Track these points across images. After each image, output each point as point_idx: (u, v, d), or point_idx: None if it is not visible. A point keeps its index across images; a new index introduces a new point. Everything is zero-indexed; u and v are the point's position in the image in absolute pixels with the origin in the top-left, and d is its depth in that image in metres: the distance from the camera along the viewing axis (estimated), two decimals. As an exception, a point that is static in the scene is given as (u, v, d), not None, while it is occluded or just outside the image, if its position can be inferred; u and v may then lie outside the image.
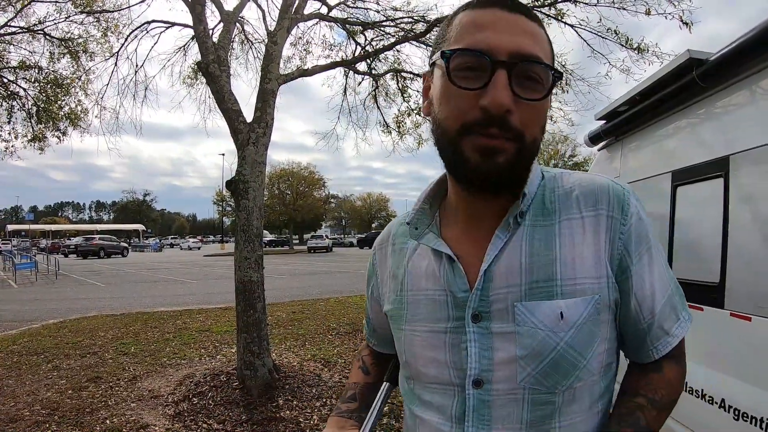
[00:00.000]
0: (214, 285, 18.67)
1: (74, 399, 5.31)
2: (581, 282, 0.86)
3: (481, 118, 0.78)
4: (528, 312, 0.85)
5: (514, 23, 0.81)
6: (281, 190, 57.67)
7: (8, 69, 9.08)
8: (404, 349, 0.98)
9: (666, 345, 0.95)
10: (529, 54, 0.80)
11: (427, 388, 0.94)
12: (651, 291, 0.91)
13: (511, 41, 0.79)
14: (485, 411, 0.86)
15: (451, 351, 0.89)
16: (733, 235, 2.61)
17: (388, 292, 1.06)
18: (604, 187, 0.91)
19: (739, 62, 2.63)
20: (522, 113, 0.79)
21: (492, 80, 0.77)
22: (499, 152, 0.79)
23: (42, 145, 9.35)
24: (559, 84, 7.23)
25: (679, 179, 3.15)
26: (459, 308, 0.89)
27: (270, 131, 5.65)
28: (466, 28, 0.82)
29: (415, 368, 0.96)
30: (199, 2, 6.16)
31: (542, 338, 0.84)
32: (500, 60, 0.78)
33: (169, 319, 10.17)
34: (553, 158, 52.25)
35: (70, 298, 15.25)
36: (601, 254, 0.87)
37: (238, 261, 5.34)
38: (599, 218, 0.89)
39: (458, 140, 0.82)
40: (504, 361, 0.85)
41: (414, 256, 1.00)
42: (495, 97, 0.77)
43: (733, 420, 2.52)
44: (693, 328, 3.00)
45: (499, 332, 0.86)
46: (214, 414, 4.72)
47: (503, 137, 0.79)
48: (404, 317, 0.98)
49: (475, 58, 0.79)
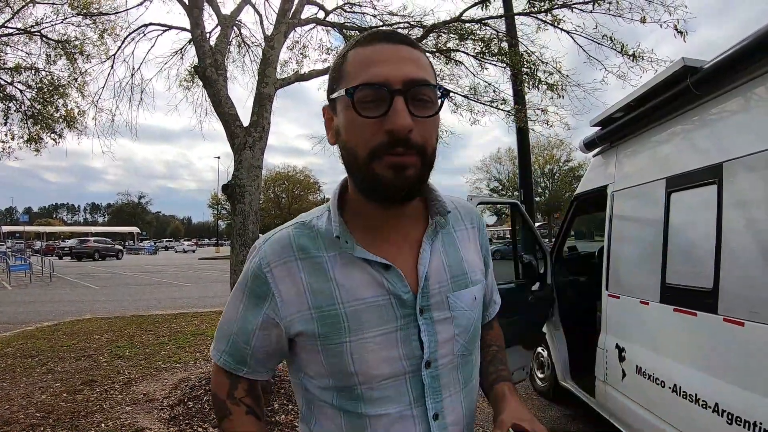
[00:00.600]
0: (209, 288, 18.61)
1: (69, 402, 5.29)
2: (475, 273, 1.16)
3: (386, 141, 0.90)
4: (457, 299, 1.09)
5: (400, 54, 0.95)
6: (277, 194, 57.57)
7: (5, 70, 9.06)
8: (350, 360, 1.00)
9: (494, 311, 1.37)
10: (418, 79, 0.93)
11: (379, 387, 1.02)
12: (491, 278, 1.32)
13: (401, 70, 0.92)
14: (436, 384, 1.05)
15: (403, 345, 1.02)
16: (726, 241, 2.63)
17: (306, 309, 1.02)
18: (472, 208, 1.26)
19: (733, 70, 2.67)
20: (420, 129, 0.92)
21: (392, 107, 0.90)
22: (408, 167, 0.93)
23: (38, 147, 9.31)
24: (555, 89, 7.27)
25: (673, 185, 3.18)
26: (405, 307, 1.03)
27: (266, 135, 5.65)
28: (361, 65, 0.94)
29: (366, 374, 1.01)
30: (197, 6, 6.17)
31: (468, 317, 1.10)
32: (396, 88, 0.90)
33: (164, 323, 10.14)
34: (548, 163, 52.39)
35: (64, 300, 15.19)
36: (479, 254, 1.21)
37: (234, 265, 5.34)
38: (474, 230, 1.23)
39: (369, 163, 0.93)
40: (445, 340, 1.06)
41: (338, 268, 1.03)
42: (397, 121, 0.89)
43: (726, 424, 2.54)
44: (687, 333, 3.02)
45: (439, 319, 1.06)
46: (209, 418, 4.71)
47: (408, 154, 0.92)
48: (345, 329, 1.00)
49: (375, 91, 0.91)
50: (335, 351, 1.01)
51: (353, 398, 1.03)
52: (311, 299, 1.02)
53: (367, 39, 0.97)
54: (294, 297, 1.03)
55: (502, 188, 52.85)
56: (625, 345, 3.69)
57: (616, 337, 3.84)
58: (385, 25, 7.94)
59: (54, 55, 8.93)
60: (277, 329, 1.06)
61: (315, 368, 1.05)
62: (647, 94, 3.45)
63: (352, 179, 1.03)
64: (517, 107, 7.90)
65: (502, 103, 8.01)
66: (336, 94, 0.98)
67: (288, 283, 1.03)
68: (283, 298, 1.03)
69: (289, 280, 1.03)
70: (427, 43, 7.42)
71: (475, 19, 7.14)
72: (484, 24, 7.25)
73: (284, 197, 57.29)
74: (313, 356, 1.04)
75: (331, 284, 1.02)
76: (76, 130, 9.36)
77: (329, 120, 1.06)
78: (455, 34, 7.37)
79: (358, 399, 1.03)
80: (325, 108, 1.07)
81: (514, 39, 7.38)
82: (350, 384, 1.02)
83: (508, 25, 7.67)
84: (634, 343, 3.61)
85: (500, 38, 7.37)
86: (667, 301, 3.17)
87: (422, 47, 1.02)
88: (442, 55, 7.73)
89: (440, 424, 1.05)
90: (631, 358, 3.59)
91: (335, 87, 1.00)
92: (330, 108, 1.05)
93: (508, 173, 52.46)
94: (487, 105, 8.09)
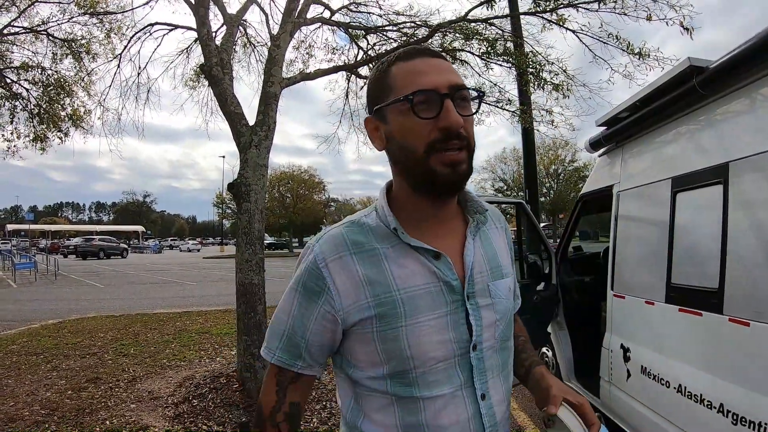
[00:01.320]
0: (214, 287, 18.68)
1: (74, 399, 5.32)
2: (507, 267, 1.27)
3: (441, 137, 1.04)
4: (496, 288, 1.19)
5: (440, 65, 1.10)
6: (281, 193, 57.52)
7: (11, 69, 9.09)
8: (407, 344, 1.07)
9: (517, 305, 1.39)
10: (459, 84, 1.08)
11: (432, 370, 1.09)
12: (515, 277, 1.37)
13: (445, 78, 1.07)
14: (482, 366, 1.13)
15: (453, 329, 1.10)
16: (732, 241, 2.62)
17: (364, 299, 1.08)
18: (498, 211, 1.39)
19: (739, 70, 2.65)
20: (467, 126, 1.07)
21: (444, 108, 1.04)
22: (461, 163, 1.06)
23: (44, 146, 9.34)
24: (560, 90, 7.26)
25: (679, 185, 3.17)
26: (454, 294, 1.11)
27: (272, 134, 5.66)
28: (409, 76, 1.09)
29: (420, 357, 1.08)
30: (203, 5, 6.18)
31: (505, 304, 1.20)
32: (444, 93, 1.05)
33: (169, 321, 10.18)
34: (553, 163, 52.26)
35: (69, 298, 15.27)
36: (508, 251, 1.33)
37: (239, 263, 5.35)
38: (502, 230, 1.35)
39: (426, 159, 1.06)
40: (488, 324, 1.15)
41: (392, 259, 1.11)
42: (451, 118, 1.03)
43: (731, 425, 2.53)
44: (692, 333, 3.00)
45: (483, 305, 1.15)
46: (214, 416, 4.73)
47: (460, 147, 1.06)
48: (401, 314, 1.07)
49: (427, 95, 1.05)
50: (392, 335, 1.07)
51: (408, 383, 1.09)
52: (368, 289, 1.08)
53: (407, 54, 1.12)
54: (351, 289, 1.09)
55: (507, 188, 52.75)
56: (630, 345, 3.68)
57: (621, 337, 3.83)
58: (390, 25, 7.95)
59: (60, 54, 8.95)
60: (333, 323, 1.11)
61: (369, 358, 1.10)
62: (653, 94, 3.44)
63: (406, 177, 1.14)
64: (522, 108, 7.89)
65: (508, 104, 8.01)
66: (388, 102, 1.11)
67: (344, 276, 1.09)
68: (340, 291, 1.09)
69: (345, 274, 1.10)
70: (432, 42, 7.41)
71: (480, 18, 7.14)
72: (490, 23, 7.24)
73: (289, 196, 57.30)
74: (367, 346, 1.10)
75: (386, 273, 1.10)
76: (82, 128, 9.39)
77: (374, 130, 1.18)
78: (461, 33, 7.37)
79: (412, 383, 1.09)
80: (369, 120, 1.19)
81: (520, 39, 7.36)
82: (406, 368, 1.08)
83: (513, 24, 7.65)
84: (639, 344, 3.60)
85: (506, 38, 7.36)
86: (672, 302, 3.16)
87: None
88: (447, 54, 7.72)
89: (487, 404, 1.14)
90: (636, 359, 3.58)
91: (382, 97, 1.13)
92: (376, 118, 1.17)
93: (513, 173, 52.36)
94: (492, 105, 8.08)
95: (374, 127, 1.17)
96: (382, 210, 1.16)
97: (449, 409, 1.09)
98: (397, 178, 1.18)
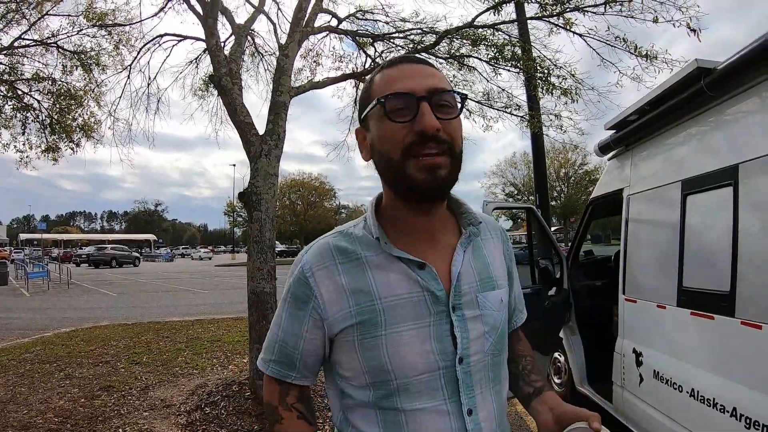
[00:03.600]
0: (226, 295, 18.72)
1: (87, 407, 5.34)
2: (500, 279, 1.24)
3: (417, 140, 1.02)
4: (486, 299, 1.16)
5: (422, 70, 1.09)
6: (292, 201, 57.74)
7: (22, 81, 9.21)
8: (386, 352, 1.07)
9: (520, 320, 1.42)
10: (440, 87, 1.06)
11: (414, 382, 1.07)
12: (518, 289, 1.40)
13: (424, 82, 1.06)
14: (469, 380, 1.11)
15: (436, 341, 1.09)
16: (743, 243, 2.61)
17: (347, 307, 1.09)
18: (496, 223, 1.37)
19: (747, 71, 2.65)
20: (446, 128, 1.04)
21: (419, 111, 1.02)
22: (440, 167, 1.04)
23: (56, 156, 9.44)
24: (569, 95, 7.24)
25: (688, 188, 3.16)
26: (438, 304, 1.10)
27: (282, 143, 5.68)
28: (388, 83, 1.08)
29: (400, 367, 1.07)
30: (211, 16, 6.23)
31: (495, 316, 1.17)
32: (421, 96, 1.03)
33: (181, 329, 10.21)
34: (563, 167, 52.08)
35: (81, 307, 15.36)
36: (503, 262, 1.30)
37: (250, 272, 5.37)
38: (498, 240, 1.31)
39: (403, 164, 1.04)
40: (476, 337, 1.13)
41: (376, 268, 1.12)
42: (425, 121, 1.01)
43: (744, 428, 2.51)
44: (704, 336, 2.99)
45: (470, 317, 1.13)
46: (227, 423, 4.74)
47: (438, 150, 1.03)
48: (381, 323, 1.08)
49: (403, 98, 1.04)
50: (372, 344, 1.08)
51: (389, 394, 1.08)
52: (351, 298, 1.10)
53: (391, 63, 1.13)
54: (335, 298, 1.11)
55: (517, 192, 52.64)
56: (643, 349, 3.66)
57: (634, 341, 3.81)
58: (397, 32, 7.97)
59: (70, 66, 9.06)
60: (321, 330, 1.13)
61: (352, 366, 1.11)
62: (661, 96, 3.43)
63: (387, 185, 1.15)
64: (531, 113, 7.88)
65: (516, 109, 7.99)
66: (368, 109, 1.11)
67: (329, 286, 1.11)
68: (325, 300, 1.11)
69: (330, 283, 1.11)
70: (439, 49, 7.42)
71: (487, 24, 7.14)
72: (497, 29, 7.24)
73: (300, 204, 57.46)
74: (350, 355, 1.10)
75: (369, 282, 1.10)
76: (93, 139, 9.48)
77: (362, 140, 1.18)
78: (468, 39, 7.37)
79: (393, 394, 1.08)
80: (357, 130, 1.20)
81: (527, 44, 7.36)
82: (386, 378, 1.07)
83: (520, 29, 7.65)
84: (651, 348, 3.58)
85: (513, 43, 7.36)
86: (684, 305, 3.15)
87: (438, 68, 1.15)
88: (455, 61, 7.74)
89: (474, 419, 1.10)
90: (649, 363, 3.56)
91: (366, 107, 1.13)
92: (363, 127, 1.18)
93: (523, 177, 52.25)
94: (501, 111, 8.07)
95: (363, 137, 1.18)
96: (368, 220, 1.18)
97: (431, 423, 1.08)
98: (385, 189, 1.18)
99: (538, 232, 5.51)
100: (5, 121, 9.20)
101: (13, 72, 9.10)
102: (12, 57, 9.05)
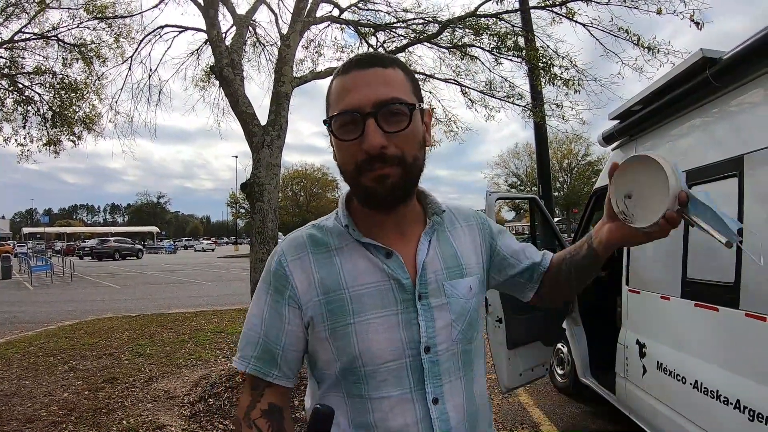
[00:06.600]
0: (228, 286, 18.74)
1: (91, 399, 5.37)
2: (470, 266, 1.25)
3: (366, 158, 1.03)
4: (452, 287, 1.17)
5: (371, 78, 1.06)
6: (294, 192, 57.82)
7: (23, 74, 9.19)
8: (355, 340, 1.09)
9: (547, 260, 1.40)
10: (387, 99, 1.04)
11: (380, 369, 1.10)
12: (517, 246, 1.39)
13: (373, 93, 1.04)
14: (436, 369, 1.12)
15: (404, 329, 1.11)
16: (747, 234, 2.59)
17: (316, 297, 1.12)
18: (469, 210, 1.38)
19: (753, 61, 2.61)
20: (396, 142, 1.04)
21: (365, 129, 1.02)
22: (388, 177, 1.05)
23: (57, 149, 9.44)
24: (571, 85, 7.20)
25: (693, 179, 3.13)
26: (405, 292, 1.12)
27: (284, 134, 5.68)
28: (339, 94, 1.08)
29: (368, 354, 1.09)
30: (213, 6, 6.21)
31: (463, 304, 1.18)
32: (367, 112, 1.03)
33: (184, 321, 10.25)
34: (566, 157, 51.96)
35: (85, 299, 15.42)
36: (477, 248, 1.30)
37: (253, 263, 5.37)
38: (471, 227, 1.32)
39: (357, 177, 1.07)
40: (443, 326, 1.14)
41: (344, 258, 1.15)
42: (370, 142, 1.01)
43: (748, 421, 2.51)
44: (708, 328, 2.96)
45: (436, 305, 1.14)
46: (230, 415, 4.76)
47: (387, 166, 1.04)
48: (349, 312, 1.10)
49: (350, 116, 1.04)
50: (341, 333, 1.10)
51: (356, 381, 1.11)
52: (320, 287, 1.12)
53: (345, 68, 1.10)
54: (307, 287, 1.13)
55: (520, 183, 52.55)
56: (646, 341, 3.65)
57: (637, 333, 3.80)
58: (399, 22, 7.93)
59: (71, 59, 9.03)
60: (299, 319, 1.14)
61: (325, 356, 1.13)
62: (666, 86, 3.40)
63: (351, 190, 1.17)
64: (533, 102, 7.85)
65: (519, 99, 7.96)
66: (324, 121, 1.13)
67: (302, 276, 1.14)
68: (299, 289, 1.13)
69: (302, 273, 1.14)
70: (442, 38, 7.39)
71: (490, 13, 7.10)
72: (500, 18, 7.20)
73: (302, 195, 57.49)
74: (323, 344, 1.12)
75: (337, 271, 1.13)
76: (94, 131, 9.47)
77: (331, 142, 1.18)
78: (470, 29, 7.34)
79: (360, 381, 1.11)
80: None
81: (530, 33, 7.32)
82: (355, 366, 1.10)
83: (523, 18, 7.61)
84: (654, 339, 3.57)
85: (516, 33, 7.32)
86: (687, 296, 3.13)
87: (398, 62, 1.13)
88: (457, 50, 7.70)
89: (440, 409, 1.12)
90: (652, 354, 3.55)
91: (327, 112, 1.14)
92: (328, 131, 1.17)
93: (526, 168, 52.18)
94: (503, 100, 8.04)
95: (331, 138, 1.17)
96: (339, 212, 1.21)
97: (397, 411, 1.10)
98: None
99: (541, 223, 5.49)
100: (6, 115, 9.21)
101: (14, 65, 9.09)
102: (12, 51, 9.04)
